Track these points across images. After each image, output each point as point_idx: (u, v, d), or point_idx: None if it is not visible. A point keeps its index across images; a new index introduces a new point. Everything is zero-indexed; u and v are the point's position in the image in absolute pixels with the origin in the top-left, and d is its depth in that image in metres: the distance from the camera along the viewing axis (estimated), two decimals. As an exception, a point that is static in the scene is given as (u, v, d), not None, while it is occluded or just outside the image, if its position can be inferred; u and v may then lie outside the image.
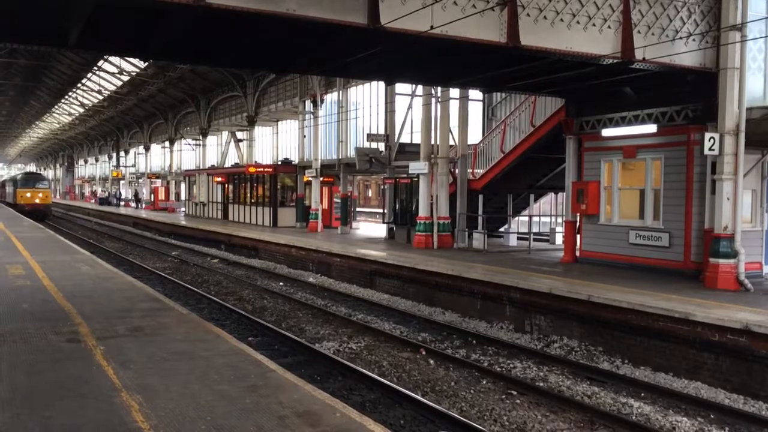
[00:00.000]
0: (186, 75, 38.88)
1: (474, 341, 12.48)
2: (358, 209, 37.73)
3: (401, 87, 24.62)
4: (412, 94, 24.35)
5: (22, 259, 16.37)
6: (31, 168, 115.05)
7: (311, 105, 29.90)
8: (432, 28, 10.53)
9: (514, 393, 9.42)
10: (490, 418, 8.44)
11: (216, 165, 43.65)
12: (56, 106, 61.03)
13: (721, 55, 13.32)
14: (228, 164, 41.94)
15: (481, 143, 22.66)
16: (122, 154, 64.99)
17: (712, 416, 8.71)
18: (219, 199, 38.03)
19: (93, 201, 71.03)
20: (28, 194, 47.37)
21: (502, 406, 8.86)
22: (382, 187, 30.37)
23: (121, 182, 66.83)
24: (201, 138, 45.21)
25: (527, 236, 21.48)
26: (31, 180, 49.91)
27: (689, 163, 14.34)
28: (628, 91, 15.42)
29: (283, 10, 9.92)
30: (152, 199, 52.90)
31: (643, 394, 9.54)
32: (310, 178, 29.48)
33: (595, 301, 11.72)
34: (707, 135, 13.04)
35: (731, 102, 13.03)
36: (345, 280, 19.08)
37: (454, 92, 21.26)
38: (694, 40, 13.31)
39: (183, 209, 46.73)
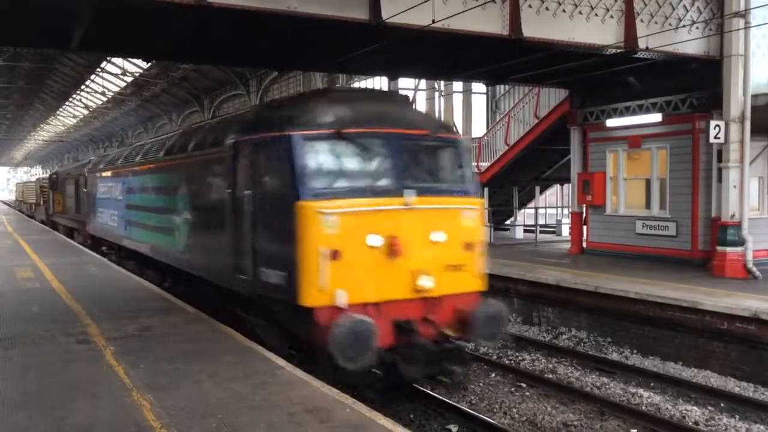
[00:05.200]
0: (189, 75, 38.90)
1: (482, 334, 12.46)
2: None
3: (404, 81, 24.55)
4: (415, 89, 24.31)
5: (30, 262, 16.42)
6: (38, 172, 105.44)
7: (314, 102, 29.83)
8: (434, 22, 10.51)
9: (524, 385, 9.43)
10: (499, 410, 8.45)
11: (221, 164, 43.59)
12: (61, 109, 61.20)
13: (725, 42, 13.24)
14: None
15: (485, 136, 22.61)
16: (127, 154, 65.07)
17: (722, 405, 8.71)
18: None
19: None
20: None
21: (511, 399, 8.87)
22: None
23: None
24: (205, 137, 45.22)
25: (533, 228, 21.44)
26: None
27: (695, 152, 14.27)
28: (632, 80, 15.35)
29: (284, 7, 9.92)
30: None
31: (652, 384, 9.54)
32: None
33: (602, 292, 11.71)
34: (712, 123, 12.98)
35: (736, 89, 12.96)
36: (352, 276, 19.02)
37: (457, 86, 21.22)
38: (697, 27, 13.23)
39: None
